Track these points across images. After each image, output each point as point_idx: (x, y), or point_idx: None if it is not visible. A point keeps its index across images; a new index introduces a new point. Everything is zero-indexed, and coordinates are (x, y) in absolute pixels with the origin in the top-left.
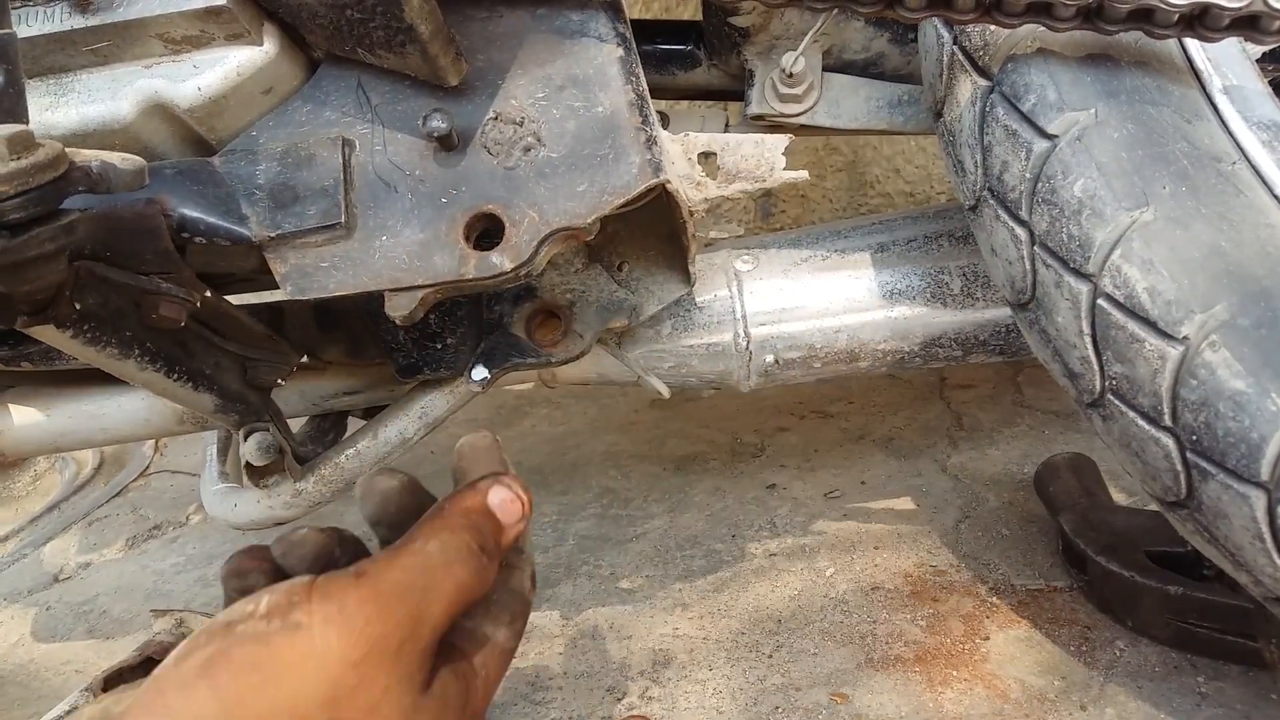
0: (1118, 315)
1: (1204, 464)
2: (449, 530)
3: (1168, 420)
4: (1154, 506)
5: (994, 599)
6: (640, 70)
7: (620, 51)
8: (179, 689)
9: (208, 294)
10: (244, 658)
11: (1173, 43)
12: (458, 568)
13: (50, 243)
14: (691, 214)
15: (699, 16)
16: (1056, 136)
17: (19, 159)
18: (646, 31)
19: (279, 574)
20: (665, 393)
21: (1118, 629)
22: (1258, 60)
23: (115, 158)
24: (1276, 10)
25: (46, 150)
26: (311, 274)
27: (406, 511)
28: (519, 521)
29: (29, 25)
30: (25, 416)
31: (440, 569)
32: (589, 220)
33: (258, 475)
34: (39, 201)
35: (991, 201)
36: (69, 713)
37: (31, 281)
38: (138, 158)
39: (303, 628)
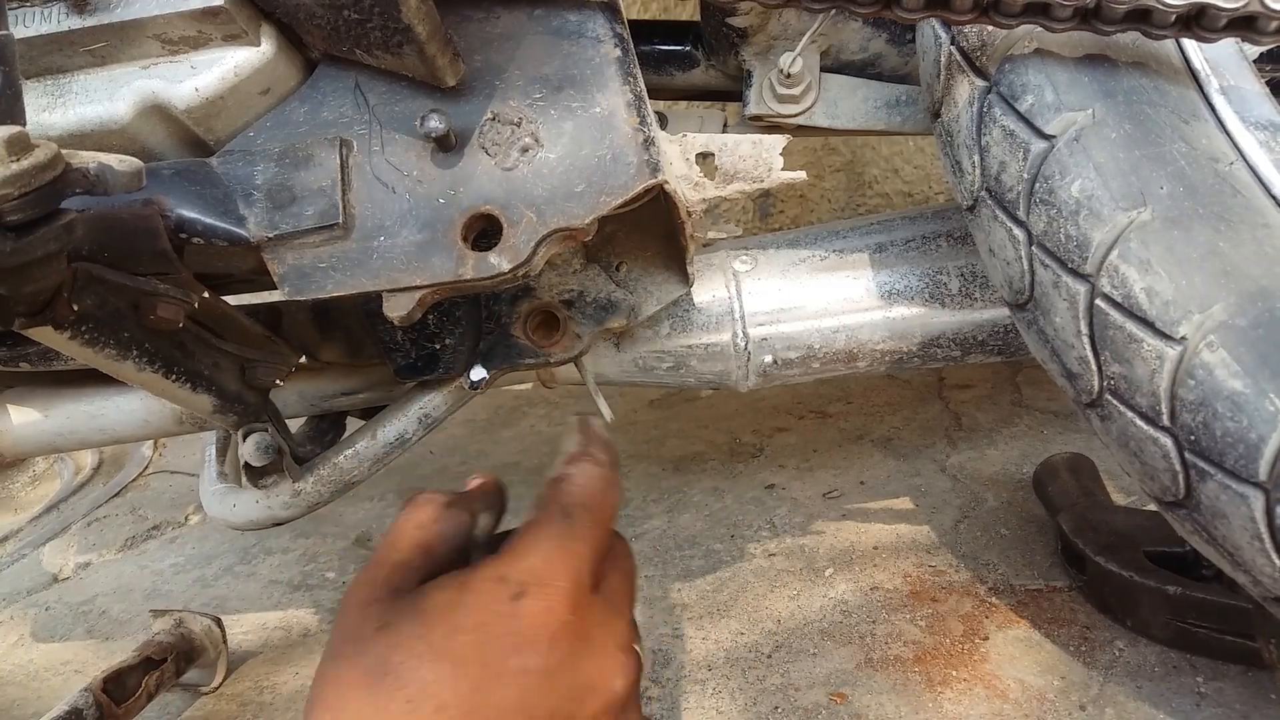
0: (1115, 315)
1: (1202, 464)
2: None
3: (1166, 420)
4: (1152, 506)
5: (993, 599)
6: (638, 71)
7: (618, 52)
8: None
9: (206, 295)
10: None
11: (1170, 43)
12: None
13: (54, 243)
14: (689, 214)
15: (697, 17)
16: (1054, 137)
17: (18, 160)
18: (644, 32)
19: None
20: (608, 416)
21: (1117, 629)
22: (1255, 60)
23: (112, 159)
24: (1273, 11)
25: (43, 151)
26: (309, 275)
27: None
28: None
29: (26, 26)
30: (24, 417)
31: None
32: (587, 221)
33: (256, 476)
34: (37, 203)
35: (989, 202)
36: (68, 713)
37: (33, 283)
38: (135, 159)
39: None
